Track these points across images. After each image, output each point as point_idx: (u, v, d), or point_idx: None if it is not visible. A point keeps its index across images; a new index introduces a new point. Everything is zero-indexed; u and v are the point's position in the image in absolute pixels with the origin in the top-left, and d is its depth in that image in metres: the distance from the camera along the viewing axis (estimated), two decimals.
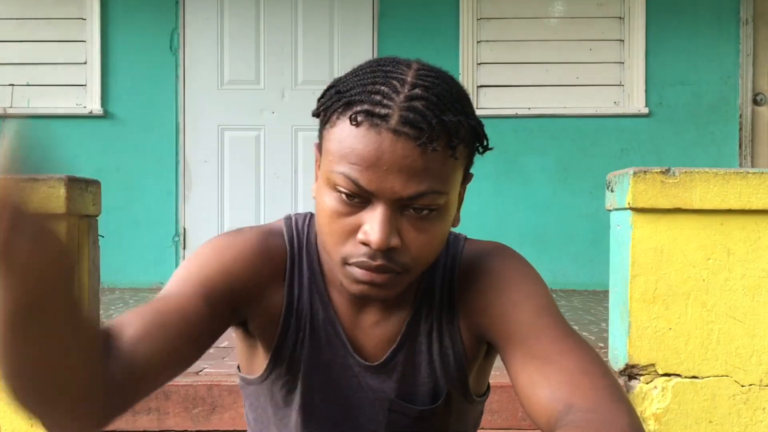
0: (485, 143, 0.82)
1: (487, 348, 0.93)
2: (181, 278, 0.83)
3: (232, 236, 0.89)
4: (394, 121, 0.74)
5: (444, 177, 0.77)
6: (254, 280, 0.87)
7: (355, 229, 0.77)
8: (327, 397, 0.91)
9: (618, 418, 0.69)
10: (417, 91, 0.75)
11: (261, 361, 0.93)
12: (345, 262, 0.79)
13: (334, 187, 0.77)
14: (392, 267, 0.78)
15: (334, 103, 0.78)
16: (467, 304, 0.89)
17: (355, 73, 0.80)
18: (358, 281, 0.79)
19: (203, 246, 0.88)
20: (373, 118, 0.74)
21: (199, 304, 0.80)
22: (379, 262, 0.77)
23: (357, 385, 0.91)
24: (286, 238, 0.91)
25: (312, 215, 0.94)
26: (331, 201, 0.78)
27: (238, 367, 1.02)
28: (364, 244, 0.77)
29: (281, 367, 0.91)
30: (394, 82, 0.76)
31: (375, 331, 0.90)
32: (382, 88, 0.76)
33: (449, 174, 0.77)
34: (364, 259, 0.77)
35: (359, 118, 0.74)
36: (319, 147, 0.83)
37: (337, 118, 0.77)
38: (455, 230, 0.95)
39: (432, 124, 0.74)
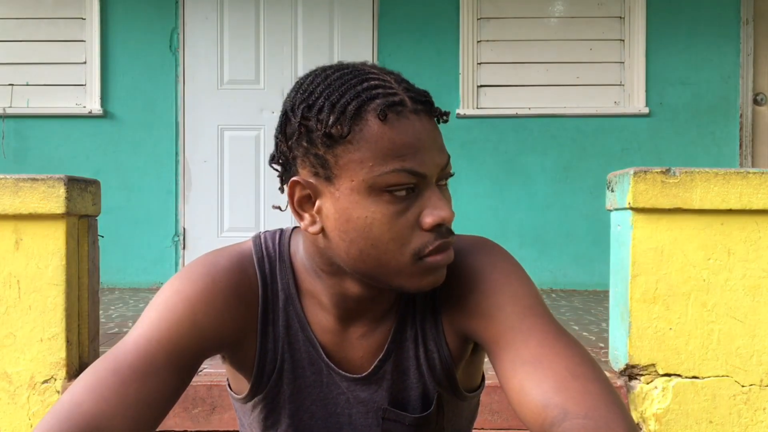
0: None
1: (474, 344, 0.92)
2: (149, 336, 0.80)
3: (201, 279, 0.84)
4: (409, 103, 0.76)
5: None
6: (227, 326, 0.84)
7: (415, 221, 0.76)
8: (315, 416, 0.90)
9: (615, 424, 0.69)
10: (395, 75, 0.79)
11: (244, 384, 0.92)
12: (418, 257, 0.77)
13: (383, 190, 0.75)
14: (454, 236, 0.80)
15: (339, 116, 0.74)
16: (451, 307, 0.87)
17: (325, 86, 0.77)
18: (433, 270, 0.78)
19: (171, 293, 0.83)
20: (395, 107, 0.75)
21: (167, 377, 0.79)
22: (451, 237, 0.79)
23: (346, 401, 0.90)
24: (255, 263, 0.88)
25: (282, 232, 0.91)
26: (383, 207, 0.75)
27: (228, 379, 1.00)
28: (432, 228, 0.76)
29: (263, 393, 0.90)
30: (374, 74, 0.77)
31: (362, 344, 0.88)
32: (373, 82, 0.76)
33: None
34: (440, 241, 0.77)
35: (386, 112, 0.74)
36: (321, 175, 0.77)
37: (352, 127, 0.74)
38: None
39: (429, 96, 0.79)
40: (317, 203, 0.78)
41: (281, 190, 0.83)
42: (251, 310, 0.87)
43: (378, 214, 0.75)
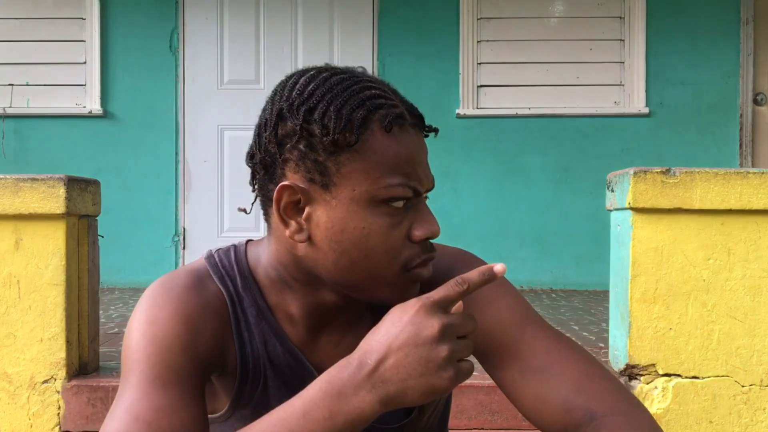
0: None
1: None
2: (149, 377, 0.75)
3: (168, 302, 0.80)
4: (407, 116, 0.76)
5: None
6: (207, 338, 0.81)
7: (406, 234, 0.76)
8: None
9: (641, 417, 0.73)
10: (387, 84, 0.79)
11: (222, 403, 0.89)
12: (406, 269, 0.77)
13: (383, 201, 0.74)
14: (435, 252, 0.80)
15: (346, 124, 0.73)
16: None
17: (325, 89, 0.75)
18: (415, 283, 0.78)
19: (145, 328, 0.78)
20: (398, 119, 0.75)
21: (182, 410, 0.74)
22: (434, 252, 0.79)
23: None
24: (218, 281, 0.84)
25: (235, 248, 0.88)
26: (381, 218, 0.75)
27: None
28: (421, 240, 0.77)
29: (245, 409, 0.86)
30: (374, 83, 0.77)
31: (337, 351, 0.85)
32: (375, 91, 0.75)
33: None
34: (426, 255, 0.77)
35: (392, 124, 0.74)
36: (317, 181, 0.75)
37: (358, 135, 0.73)
38: None
39: (420, 112, 0.79)
40: (307, 210, 0.76)
41: (252, 187, 0.83)
42: (225, 325, 0.84)
43: (375, 225, 0.74)
